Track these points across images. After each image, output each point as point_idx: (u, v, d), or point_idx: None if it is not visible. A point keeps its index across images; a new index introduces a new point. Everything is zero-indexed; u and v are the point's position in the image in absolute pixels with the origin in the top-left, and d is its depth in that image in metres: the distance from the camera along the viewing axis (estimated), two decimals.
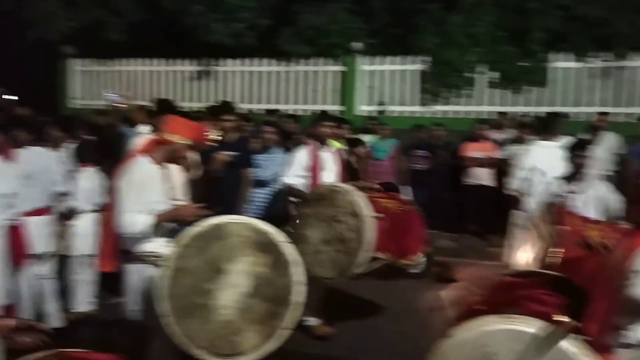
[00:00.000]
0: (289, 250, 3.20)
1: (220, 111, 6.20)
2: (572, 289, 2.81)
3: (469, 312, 2.70)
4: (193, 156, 4.91)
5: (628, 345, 2.49)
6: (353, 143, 7.46)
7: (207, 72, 12.44)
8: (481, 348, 2.19)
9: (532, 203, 5.06)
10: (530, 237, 4.20)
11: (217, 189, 5.47)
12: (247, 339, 3.07)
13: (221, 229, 3.22)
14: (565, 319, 2.45)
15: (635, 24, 9.38)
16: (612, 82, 9.76)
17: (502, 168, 7.68)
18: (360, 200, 4.57)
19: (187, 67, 12.61)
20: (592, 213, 4.55)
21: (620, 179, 7.85)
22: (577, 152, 4.85)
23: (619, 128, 8.47)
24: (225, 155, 5.57)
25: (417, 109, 10.94)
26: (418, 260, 5.25)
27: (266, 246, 3.18)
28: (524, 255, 4.17)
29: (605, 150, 8.05)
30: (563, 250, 3.72)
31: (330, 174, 5.17)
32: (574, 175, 4.78)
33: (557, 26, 9.97)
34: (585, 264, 3.50)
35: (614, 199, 4.63)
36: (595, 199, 4.66)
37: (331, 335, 5.00)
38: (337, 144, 6.11)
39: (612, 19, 9.45)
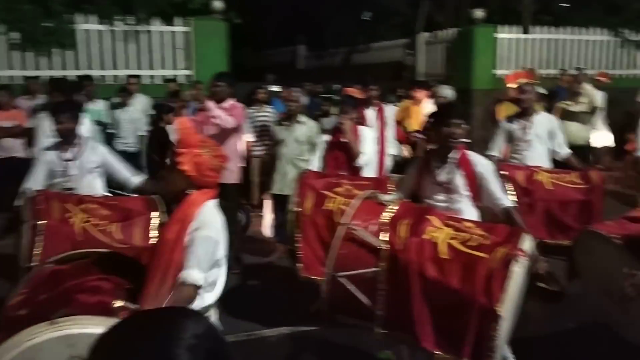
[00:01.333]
0: None
1: None
2: (127, 266, 2.71)
3: (10, 322, 2.33)
4: None
5: None
6: None
7: None
8: None
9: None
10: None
11: None
12: None
13: None
14: (124, 303, 2.30)
15: None
16: (136, 46, 10.07)
17: (33, 137, 7.15)
18: None
19: None
20: (94, 180, 4.41)
21: (152, 140, 8.37)
22: (61, 116, 4.29)
23: (148, 90, 8.94)
24: None
25: None
26: None
27: None
28: None
29: (138, 111, 8.44)
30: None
31: None
32: (67, 140, 4.34)
33: None
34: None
35: (111, 160, 4.47)
36: (92, 163, 4.40)
37: None
38: None
39: None
